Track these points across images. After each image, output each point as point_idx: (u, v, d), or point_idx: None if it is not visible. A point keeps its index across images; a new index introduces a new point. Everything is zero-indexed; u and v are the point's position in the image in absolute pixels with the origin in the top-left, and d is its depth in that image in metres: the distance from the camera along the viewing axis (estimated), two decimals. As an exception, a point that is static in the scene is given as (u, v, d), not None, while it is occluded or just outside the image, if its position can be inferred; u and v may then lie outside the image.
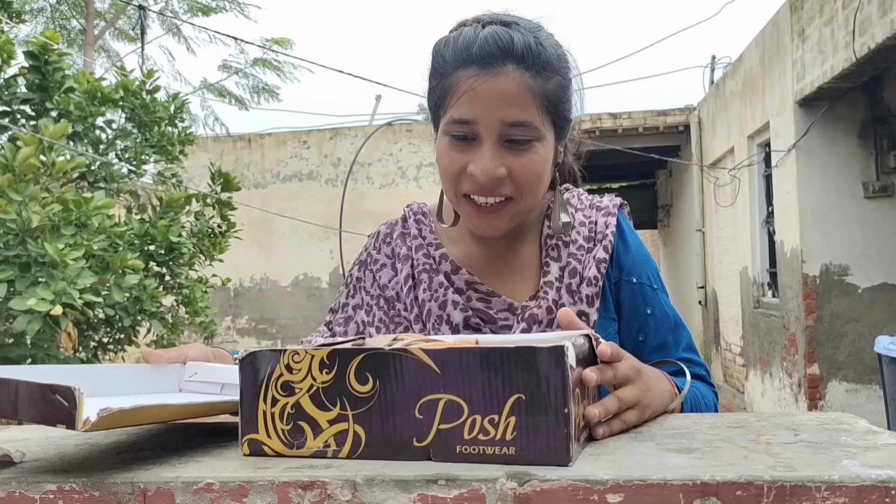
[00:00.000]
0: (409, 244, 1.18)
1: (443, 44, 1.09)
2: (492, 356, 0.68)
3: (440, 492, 0.64)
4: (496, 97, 1.01)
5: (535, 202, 1.11)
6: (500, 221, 1.07)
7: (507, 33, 1.03)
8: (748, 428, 0.79)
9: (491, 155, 1.02)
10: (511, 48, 1.02)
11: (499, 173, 1.02)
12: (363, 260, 1.24)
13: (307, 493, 0.66)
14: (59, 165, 4.23)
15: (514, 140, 1.03)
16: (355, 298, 1.22)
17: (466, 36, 1.05)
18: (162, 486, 0.67)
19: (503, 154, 1.03)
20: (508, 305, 1.10)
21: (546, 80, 1.04)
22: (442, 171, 1.08)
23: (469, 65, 1.03)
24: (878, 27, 4.73)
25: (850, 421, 0.80)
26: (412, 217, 1.22)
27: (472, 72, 1.02)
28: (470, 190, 1.05)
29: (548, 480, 0.63)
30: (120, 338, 5.01)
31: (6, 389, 0.67)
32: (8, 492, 0.69)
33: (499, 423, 0.68)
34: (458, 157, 1.05)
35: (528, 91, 1.02)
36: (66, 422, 0.64)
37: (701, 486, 0.61)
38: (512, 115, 1.02)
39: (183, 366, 1.01)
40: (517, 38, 1.03)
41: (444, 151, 1.06)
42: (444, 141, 1.07)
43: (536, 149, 1.04)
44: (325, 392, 0.72)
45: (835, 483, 0.60)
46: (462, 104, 1.03)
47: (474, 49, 1.02)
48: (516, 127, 1.02)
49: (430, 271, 1.14)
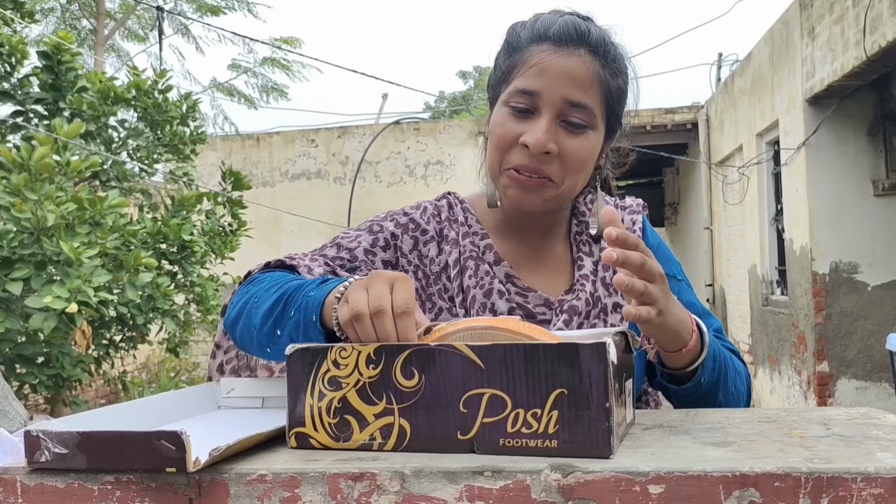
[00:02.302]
0: (458, 230, 1.18)
1: (519, 24, 1.13)
2: (535, 352, 0.71)
3: (486, 483, 0.67)
4: (564, 74, 1.05)
5: (573, 192, 1.13)
6: (537, 198, 1.09)
7: (584, 24, 1.08)
8: (780, 422, 0.81)
9: (547, 127, 1.04)
10: (587, 35, 1.07)
11: (550, 147, 1.05)
12: (403, 223, 1.19)
13: (357, 485, 0.68)
14: (74, 165, 4.27)
15: (571, 122, 1.06)
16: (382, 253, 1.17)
17: (545, 19, 1.10)
18: (217, 477, 0.70)
19: (558, 132, 1.06)
20: (545, 300, 1.12)
21: (612, 75, 1.08)
22: (494, 140, 1.10)
23: (544, 41, 1.07)
24: (889, 25, 4.73)
25: (878, 416, 0.82)
26: (458, 205, 1.22)
27: (546, 47, 1.06)
28: (517, 164, 1.07)
29: (591, 472, 0.66)
30: (132, 335, 5.05)
31: (109, 442, 0.70)
32: (67, 483, 0.71)
33: (541, 416, 0.70)
34: (514, 127, 1.07)
35: (596, 77, 1.06)
36: (177, 466, 0.67)
37: (740, 478, 0.64)
38: (575, 95, 1.05)
39: (218, 384, 1.03)
40: (594, 29, 1.08)
41: (499, 121, 1.09)
42: (501, 111, 1.09)
43: (589, 136, 1.07)
44: (371, 387, 0.75)
45: (871, 474, 0.62)
46: (530, 76, 1.06)
47: (553, 29, 1.07)
48: (576, 108, 1.05)
49: (476, 259, 1.15)
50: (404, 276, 0.83)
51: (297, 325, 0.93)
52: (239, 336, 1.06)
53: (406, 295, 0.80)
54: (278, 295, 0.98)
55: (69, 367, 4.35)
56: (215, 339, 1.22)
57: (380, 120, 12.49)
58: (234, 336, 1.08)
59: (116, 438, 0.70)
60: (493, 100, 1.14)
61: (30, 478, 0.72)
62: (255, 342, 1.02)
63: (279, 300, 0.97)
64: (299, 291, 0.95)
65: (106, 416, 0.86)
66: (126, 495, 0.71)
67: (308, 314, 0.91)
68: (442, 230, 1.19)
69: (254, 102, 16.40)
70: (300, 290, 0.96)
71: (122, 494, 0.71)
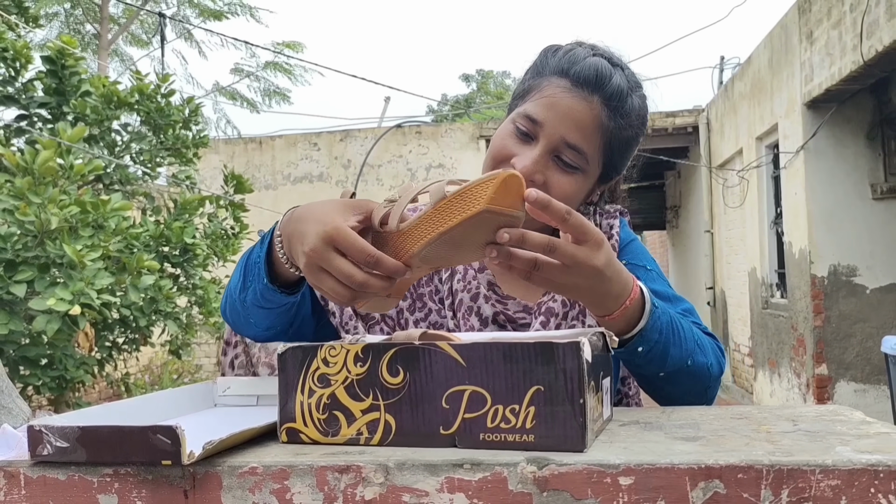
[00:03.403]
0: None
1: (552, 50, 1.16)
2: (514, 351, 0.74)
3: (465, 475, 0.70)
4: (570, 115, 1.07)
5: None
6: None
7: (610, 70, 1.09)
8: (751, 419, 0.85)
9: (537, 158, 1.08)
10: (606, 84, 1.08)
11: (535, 178, 1.08)
12: None
13: (343, 477, 0.72)
14: (77, 168, 4.32)
15: (563, 160, 1.09)
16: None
17: (576, 53, 1.12)
18: (210, 469, 0.73)
19: (549, 164, 1.09)
20: (524, 307, 1.16)
21: (620, 128, 1.10)
22: (492, 150, 1.13)
23: (564, 77, 1.10)
24: (886, 30, 4.77)
25: (846, 412, 0.86)
26: None
27: (564, 83, 1.09)
28: None
29: (565, 465, 0.69)
30: (135, 338, 5.09)
31: (108, 436, 0.73)
32: (68, 475, 0.75)
33: (519, 412, 0.74)
34: (511, 147, 1.10)
35: (600, 127, 1.09)
36: (172, 459, 0.71)
37: (705, 470, 0.67)
38: (573, 138, 1.08)
39: (214, 383, 1.07)
40: (616, 78, 1.09)
41: (502, 135, 1.13)
42: (507, 127, 1.13)
43: (577, 177, 1.10)
44: (358, 384, 0.78)
45: (828, 467, 0.66)
46: (539, 105, 1.09)
47: (576, 67, 1.09)
48: (571, 149, 1.08)
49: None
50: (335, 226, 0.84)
51: (256, 292, 1.01)
52: (232, 322, 1.13)
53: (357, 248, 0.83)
54: (239, 267, 1.05)
55: (72, 369, 4.39)
56: (224, 336, 1.27)
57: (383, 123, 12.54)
58: (231, 325, 1.14)
59: (115, 433, 0.73)
60: (510, 109, 1.17)
61: (33, 470, 0.76)
62: (242, 321, 1.09)
63: (239, 272, 1.04)
64: (249, 255, 1.03)
65: (105, 413, 0.90)
66: (124, 487, 0.74)
67: (260, 276, 0.99)
68: None
69: (256, 106, 16.48)
70: (249, 252, 1.03)
71: (120, 486, 0.74)
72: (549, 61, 1.13)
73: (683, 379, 1.04)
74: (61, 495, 0.75)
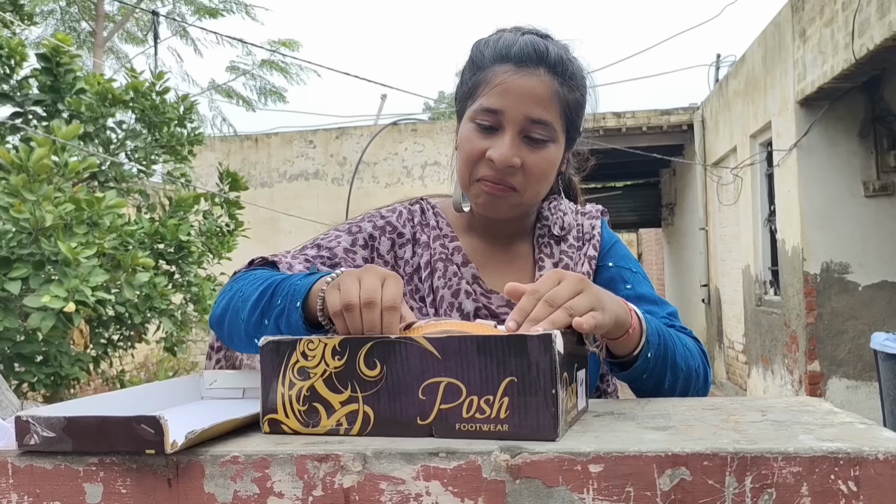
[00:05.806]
0: (429, 234, 1.25)
1: (483, 42, 1.20)
2: (487, 343, 0.76)
3: (441, 463, 0.72)
4: (526, 94, 1.12)
5: (537, 199, 1.21)
6: (504, 204, 1.17)
7: (543, 43, 1.15)
8: (722, 410, 0.87)
9: (510, 143, 1.12)
10: (546, 55, 1.14)
11: (514, 161, 1.12)
12: (380, 225, 1.25)
13: (322, 465, 0.74)
14: (72, 165, 4.33)
15: (533, 137, 1.13)
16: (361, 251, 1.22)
17: (507, 38, 1.17)
18: (193, 459, 0.75)
19: (521, 146, 1.13)
20: (506, 302, 1.18)
21: (570, 90, 1.16)
22: (462, 154, 1.17)
23: (506, 62, 1.14)
24: (877, 28, 4.79)
25: (814, 404, 0.88)
26: (430, 210, 1.29)
27: (507, 68, 1.13)
28: (484, 176, 1.15)
29: (537, 453, 0.71)
30: (130, 335, 5.10)
31: (93, 426, 0.75)
32: (55, 464, 0.77)
33: (494, 403, 0.76)
34: (480, 143, 1.14)
35: (555, 95, 1.14)
36: (155, 448, 0.73)
37: (672, 458, 0.69)
38: (536, 113, 1.12)
39: (201, 376, 1.09)
40: (552, 48, 1.15)
41: (466, 136, 1.16)
42: (468, 127, 1.16)
43: (549, 149, 1.15)
44: (337, 376, 0.80)
45: (790, 454, 0.68)
46: (493, 95, 1.13)
47: (514, 49, 1.14)
48: (537, 124, 1.13)
49: (445, 260, 1.22)
50: (395, 275, 0.89)
51: (282, 312, 0.98)
52: (227, 332, 1.11)
53: (396, 291, 0.86)
54: (265, 286, 1.03)
55: (67, 366, 4.40)
56: (209, 341, 1.28)
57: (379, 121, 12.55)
58: (220, 334, 1.14)
59: (100, 423, 0.75)
60: (459, 113, 1.21)
61: (20, 460, 0.78)
62: (243, 335, 1.07)
63: (266, 290, 1.02)
64: (287, 281, 1.01)
65: (92, 404, 0.92)
66: (109, 476, 0.76)
67: (293, 300, 0.96)
68: (415, 233, 1.26)
69: (252, 104, 16.48)
70: (287, 280, 1.02)
71: (105, 475, 0.76)
72: (486, 53, 1.17)
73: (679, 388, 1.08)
74: (48, 484, 0.77)
